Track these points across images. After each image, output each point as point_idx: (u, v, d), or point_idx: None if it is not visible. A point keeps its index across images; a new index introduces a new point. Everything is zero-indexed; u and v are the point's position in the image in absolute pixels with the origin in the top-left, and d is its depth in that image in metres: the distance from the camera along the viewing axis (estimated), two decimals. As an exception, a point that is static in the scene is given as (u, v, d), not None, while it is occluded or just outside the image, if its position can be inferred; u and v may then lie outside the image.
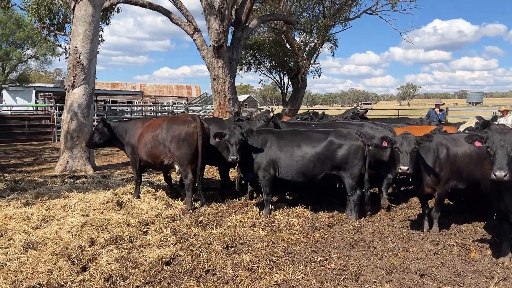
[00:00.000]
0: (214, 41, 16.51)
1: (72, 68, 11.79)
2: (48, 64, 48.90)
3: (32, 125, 20.61)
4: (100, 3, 12.30)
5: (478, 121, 6.83)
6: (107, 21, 22.62)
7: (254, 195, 8.40)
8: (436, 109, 13.83)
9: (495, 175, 4.71)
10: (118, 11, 22.34)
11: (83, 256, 5.17)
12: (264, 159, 7.09)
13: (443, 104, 14.42)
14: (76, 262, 4.99)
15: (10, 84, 36.60)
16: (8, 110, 24.84)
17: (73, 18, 12.01)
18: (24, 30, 35.64)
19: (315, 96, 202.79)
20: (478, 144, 5.23)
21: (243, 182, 8.77)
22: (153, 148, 7.68)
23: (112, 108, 31.37)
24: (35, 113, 23.16)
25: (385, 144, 6.20)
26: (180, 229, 6.33)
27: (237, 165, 8.05)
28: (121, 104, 40.06)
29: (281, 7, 26.11)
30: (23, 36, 38.21)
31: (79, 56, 11.73)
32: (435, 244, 5.85)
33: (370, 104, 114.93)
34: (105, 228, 6.33)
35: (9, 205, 7.46)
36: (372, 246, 5.74)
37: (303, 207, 7.43)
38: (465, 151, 6.27)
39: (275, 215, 7.11)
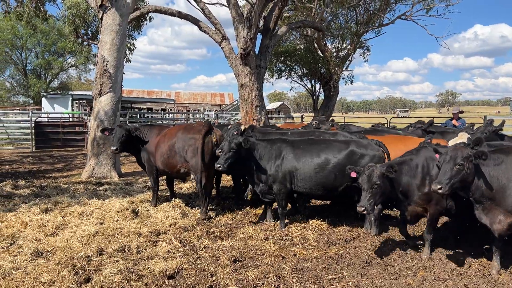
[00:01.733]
0: (242, 48, 16.43)
1: (99, 76, 11.99)
2: (87, 72, 50.54)
3: (67, 132, 21.22)
4: (127, 13, 12.48)
5: (469, 136, 6.35)
6: (139, 30, 23.09)
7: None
8: (454, 120, 11.93)
9: None
10: (150, 20, 22.75)
11: (88, 267, 5.11)
12: (280, 171, 6.66)
13: (461, 112, 12.29)
14: (81, 272, 4.93)
15: (49, 92, 38.03)
16: (46, 117, 25.72)
17: (101, 27, 12.23)
18: (64, 40, 36.98)
19: (351, 103, 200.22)
20: None
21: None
22: (169, 158, 7.61)
23: (145, 115, 31.98)
24: (69, 120, 23.90)
25: (353, 175, 5.55)
26: (190, 240, 6.18)
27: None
28: (155, 111, 40.96)
29: (312, 14, 25.78)
30: (64, 46, 39.61)
31: (106, 64, 11.92)
32: (460, 263, 5.43)
33: (407, 111, 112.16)
34: (116, 237, 6.27)
35: (29, 211, 7.57)
36: (390, 264, 5.39)
37: (321, 220, 7.13)
38: None
39: (290, 227, 6.84)
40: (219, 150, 6.64)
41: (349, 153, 6.59)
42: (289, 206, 7.60)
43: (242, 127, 7.75)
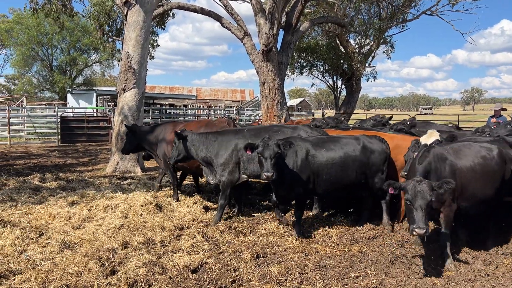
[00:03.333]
0: (264, 44, 16.42)
1: (123, 72, 12.16)
2: (111, 68, 51.41)
3: (91, 127, 21.65)
4: (151, 9, 12.60)
5: (440, 133, 6.22)
6: (163, 27, 23.30)
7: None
8: (493, 118, 11.26)
9: None
10: (173, 16, 22.95)
11: (114, 259, 5.21)
12: (304, 172, 6.15)
13: (504, 109, 11.64)
14: (107, 264, 5.03)
15: (74, 87, 38.84)
16: (71, 112, 26.27)
17: (125, 24, 12.39)
18: (88, 37, 37.67)
19: (373, 100, 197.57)
20: None
21: None
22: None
23: (167, 111, 32.35)
24: (94, 115, 24.36)
25: (391, 191, 5.08)
26: (213, 235, 6.23)
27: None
28: (177, 107, 41.37)
29: (335, 10, 25.53)
30: (88, 42, 40.39)
31: (130, 60, 12.06)
32: (487, 264, 5.33)
33: (431, 108, 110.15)
34: (141, 231, 6.38)
35: (56, 204, 7.76)
36: (414, 263, 5.31)
37: (343, 217, 7.09)
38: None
39: (313, 224, 6.83)
40: (261, 154, 5.78)
41: (363, 148, 6.55)
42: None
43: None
